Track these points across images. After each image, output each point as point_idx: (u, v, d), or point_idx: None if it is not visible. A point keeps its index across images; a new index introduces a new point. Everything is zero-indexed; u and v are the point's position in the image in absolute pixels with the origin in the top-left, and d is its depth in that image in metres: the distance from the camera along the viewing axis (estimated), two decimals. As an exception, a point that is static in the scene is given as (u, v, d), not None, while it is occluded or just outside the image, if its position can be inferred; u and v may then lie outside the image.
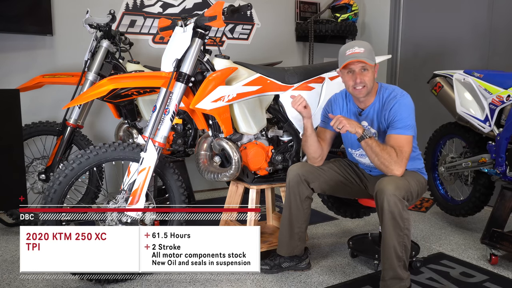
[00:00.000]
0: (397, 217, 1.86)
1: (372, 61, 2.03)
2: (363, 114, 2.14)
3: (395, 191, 1.85)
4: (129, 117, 3.01)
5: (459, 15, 3.79)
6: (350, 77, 2.05)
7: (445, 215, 3.21)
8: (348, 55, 2.02)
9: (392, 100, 2.04)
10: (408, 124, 2.00)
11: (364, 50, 2.01)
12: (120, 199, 2.08)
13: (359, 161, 2.26)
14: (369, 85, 2.03)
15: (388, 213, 1.86)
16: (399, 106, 2.02)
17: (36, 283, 2.17)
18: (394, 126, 2.01)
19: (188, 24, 2.17)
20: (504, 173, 2.44)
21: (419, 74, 3.91)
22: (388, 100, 2.06)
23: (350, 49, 2.03)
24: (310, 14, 4.48)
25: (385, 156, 1.94)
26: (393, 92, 2.08)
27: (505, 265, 2.43)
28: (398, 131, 1.99)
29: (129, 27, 3.64)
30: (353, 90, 2.06)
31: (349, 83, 2.06)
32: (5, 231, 2.89)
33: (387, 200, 1.85)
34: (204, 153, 2.44)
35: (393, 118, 2.02)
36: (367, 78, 2.02)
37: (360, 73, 2.02)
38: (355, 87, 2.04)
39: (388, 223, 1.87)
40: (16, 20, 3.09)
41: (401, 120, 2.00)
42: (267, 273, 2.28)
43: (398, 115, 2.00)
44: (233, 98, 2.24)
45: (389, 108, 2.04)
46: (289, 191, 2.19)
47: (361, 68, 2.02)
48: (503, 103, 2.42)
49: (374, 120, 2.11)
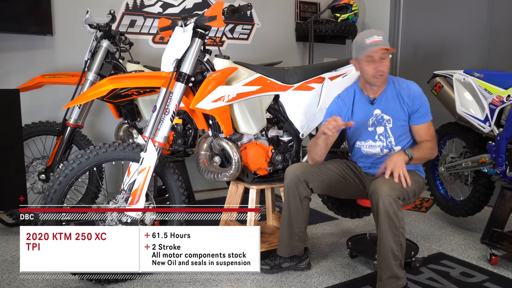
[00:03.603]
0: (393, 216, 1.87)
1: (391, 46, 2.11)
2: (375, 102, 2.19)
3: (390, 191, 1.88)
4: (129, 117, 3.01)
5: (459, 15, 3.79)
6: (371, 65, 2.08)
7: (445, 215, 3.21)
8: (370, 44, 2.06)
9: (409, 86, 2.17)
10: (429, 110, 2.15)
11: (383, 39, 2.07)
12: (120, 199, 2.08)
13: (368, 152, 2.24)
14: (387, 72, 2.12)
15: (383, 213, 1.88)
16: (419, 91, 2.15)
17: (36, 283, 2.17)
18: (420, 115, 2.13)
19: (188, 24, 2.17)
20: (504, 173, 2.44)
21: (419, 74, 3.90)
22: (402, 85, 2.17)
23: (369, 38, 2.07)
24: (310, 14, 4.48)
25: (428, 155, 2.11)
26: (403, 80, 2.22)
27: (505, 265, 2.43)
28: (425, 120, 2.13)
29: (129, 27, 3.64)
30: (372, 79, 2.11)
31: (369, 71, 2.10)
32: (5, 231, 2.90)
33: (382, 201, 1.87)
34: (204, 153, 2.44)
35: (418, 108, 2.13)
36: (385, 66, 2.10)
37: (380, 61, 2.07)
38: (375, 75, 2.09)
39: (384, 223, 1.89)
40: (16, 20, 3.09)
41: (423, 108, 2.13)
42: (267, 273, 2.28)
43: (422, 104, 2.13)
44: (233, 98, 2.24)
45: (411, 94, 2.14)
46: (288, 191, 2.19)
47: (381, 57, 2.06)
48: (503, 103, 2.42)
49: (389, 105, 2.16)
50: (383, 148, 2.20)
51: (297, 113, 2.50)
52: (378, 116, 2.18)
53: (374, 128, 2.20)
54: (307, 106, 2.53)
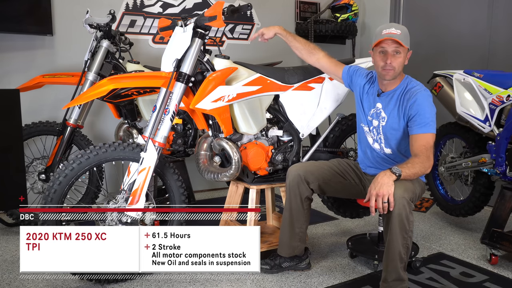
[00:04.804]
0: (404, 219, 1.84)
1: (407, 44, 2.04)
2: (382, 95, 2.16)
3: (404, 193, 1.84)
4: (129, 117, 3.01)
5: (459, 15, 3.79)
6: (382, 57, 2.06)
7: (445, 215, 3.21)
8: (384, 34, 2.03)
9: (415, 92, 2.04)
10: (430, 122, 1.99)
11: (401, 33, 2.02)
12: (120, 199, 2.08)
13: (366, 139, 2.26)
14: (397, 69, 2.05)
15: (396, 216, 1.83)
16: (422, 100, 2.01)
17: (36, 283, 2.17)
18: (415, 123, 2.00)
19: (188, 24, 2.17)
20: (504, 173, 2.44)
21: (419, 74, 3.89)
22: (410, 90, 2.06)
23: (387, 29, 2.03)
24: (310, 14, 4.48)
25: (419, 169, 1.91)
26: (418, 85, 2.09)
27: (505, 265, 2.43)
28: (419, 130, 1.98)
29: (129, 27, 3.64)
30: (381, 71, 2.08)
31: (379, 63, 2.07)
32: (5, 231, 2.89)
33: (396, 203, 1.81)
34: (204, 153, 2.44)
35: (414, 115, 2.01)
36: (397, 61, 2.03)
37: (393, 55, 2.03)
38: (384, 67, 2.05)
39: (395, 226, 1.85)
40: (16, 20, 3.09)
41: (420, 117, 1.99)
42: (267, 273, 2.28)
43: (419, 112, 2.00)
44: (233, 98, 2.24)
45: (411, 100, 2.03)
46: (289, 191, 2.19)
47: (394, 50, 2.02)
48: (503, 103, 2.42)
49: (390, 105, 2.12)
50: (374, 141, 2.21)
51: (297, 113, 2.50)
52: (378, 110, 2.17)
53: (372, 119, 2.21)
54: (307, 106, 2.53)
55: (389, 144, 2.16)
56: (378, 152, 2.22)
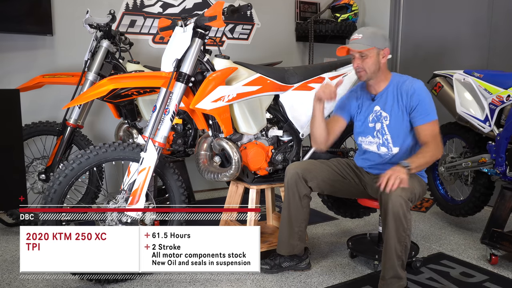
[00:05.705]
0: (402, 217, 1.86)
1: (371, 45, 2.06)
2: (376, 99, 2.19)
3: (401, 192, 1.86)
4: (129, 117, 3.01)
5: (459, 15, 3.79)
6: (353, 61, 2.13)
7: (445, 215, 3.21)
8: (349, 41, 2.13)
9: (411, 83, 2.11)
10: (432, 109, 2.07)
11: (362, 37, 2.08)
12: (120, 199, 2.08)
13: (367, 149, 2.25)
14: (368, 70, 2.10)
15: (392, 214, 1.86)
16: (420, 89, 2.09)
17: (36, 283, 2.17)
18: (418, 113, 2.07)
19: (188, 24, 2.17)
20: (504, 173, 2.44)
21: (419, 74, 3.88)
22: (405, 82, 2.13)
23: (352, 36, 2.11)
24: (310, 14, 4.48)
25: (429, 158, 2.01)
26: (409, 78, 2.17)
27: (505, 265, 2.43)
28: (425, 119, 2.06)
29: (129, 27, 3.64)
30: (357, 74, 2.15)
31: (353, 66, 2.15)
32: (5, 231, 2.90)
33: (392, 201, 1.85)
34: (204, 153, 2.44)
35: (417, 105, 2.07)
36: (366, 63, 2.09)
37: (359, 58, 2.09)
38: (356, 70, 2.13)
39: (391, 224, 1.87)
40: (16, 20, 3.09)
41: (422, 106, 2.06)
42: (267, 273, 2.28)
43: (421, 101, 2.07)
44: (233, 98, 2.24)
45: (410, 91, 2.09)
46: (288, 189, 2.19)
47: (359, 54, 2.09)
48: (503, 103, 2.42)
49: (388, 103, 2.15)
50: (379, 145, 2.19)
51: (297, 113, 2.50)
52: (378, 113, 2.18)
53: (374, 124, 2.20)
54: (307, 106, 2.52)
55: (397, 142, 2.16)
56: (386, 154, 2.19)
